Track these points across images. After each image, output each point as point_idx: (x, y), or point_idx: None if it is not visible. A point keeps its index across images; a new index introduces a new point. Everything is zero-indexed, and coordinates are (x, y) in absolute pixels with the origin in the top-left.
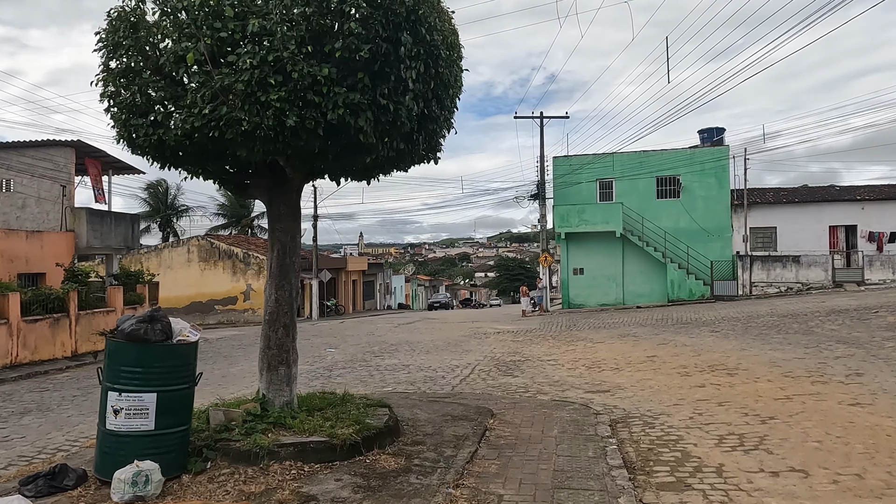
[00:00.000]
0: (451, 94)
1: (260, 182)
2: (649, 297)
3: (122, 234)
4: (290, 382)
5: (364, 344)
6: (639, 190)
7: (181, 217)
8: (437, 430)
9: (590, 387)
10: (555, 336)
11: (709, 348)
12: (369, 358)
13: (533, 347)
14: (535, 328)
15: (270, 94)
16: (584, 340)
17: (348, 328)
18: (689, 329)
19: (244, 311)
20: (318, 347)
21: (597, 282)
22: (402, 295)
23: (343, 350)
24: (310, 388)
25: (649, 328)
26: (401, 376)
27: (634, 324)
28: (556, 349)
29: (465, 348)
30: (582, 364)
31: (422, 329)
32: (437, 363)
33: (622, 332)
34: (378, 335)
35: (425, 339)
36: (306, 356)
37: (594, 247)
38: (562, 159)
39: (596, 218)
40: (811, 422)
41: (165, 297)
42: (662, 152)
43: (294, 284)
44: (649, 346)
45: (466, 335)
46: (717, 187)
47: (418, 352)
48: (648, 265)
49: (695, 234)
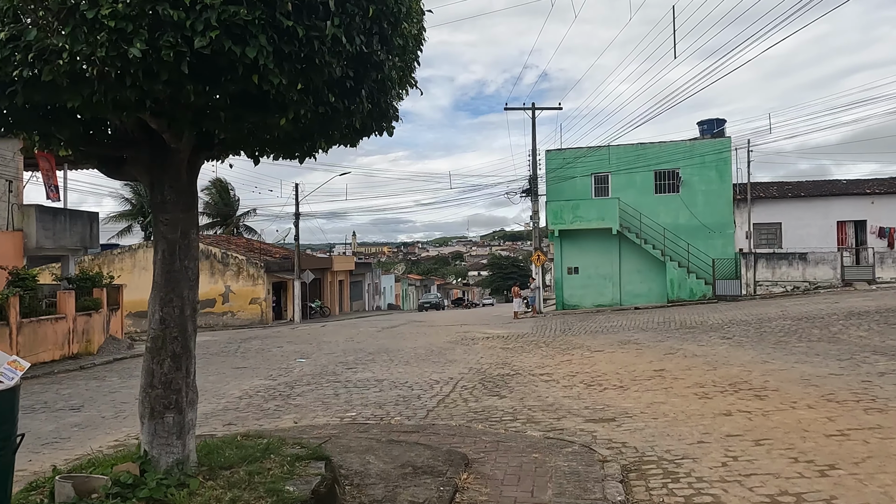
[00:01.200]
0: (405, 33)
1: (138, 157)
2: (647, 297)
3: (79, 233)
4: (182, 434)
5: (339, 352)
6: (636, 184)
7: None
8: (389, 495)
9: (591, 413)
10: (548, 342)
11: (724, 360)
12: (340, 371)
13: (524, 357)
14: (527, 332)
15: (102, 8)
16: (581, 348)
17: (328, 333)
18: (696, 335)
19: (223, 315)
20: (288, 357)
21: (592, 281)
22: (391, 295)
23: (315, 360)
24: (262, 411)
25: (652, 333)
26: (370, 396)
27: (635, 328)
28: (550, 359)
29: (449, 358)
30: (580, 380)
31: (405, 334)
32: (415, 377)
33: (622, 339)
34: (357, 341)
35: (407, 347)
36: (273, 368)
37: (589, 245)
38: (555, 153)
39: (591, 214)
40: (888, 474)
41: (139, 299)
42: (661, 145)
43: (188, 298)
44: (655, 357)
45: (453, 341)
46: (719, 181)
47: (397, 363)
48: (646, 264)
49: (695, 231)
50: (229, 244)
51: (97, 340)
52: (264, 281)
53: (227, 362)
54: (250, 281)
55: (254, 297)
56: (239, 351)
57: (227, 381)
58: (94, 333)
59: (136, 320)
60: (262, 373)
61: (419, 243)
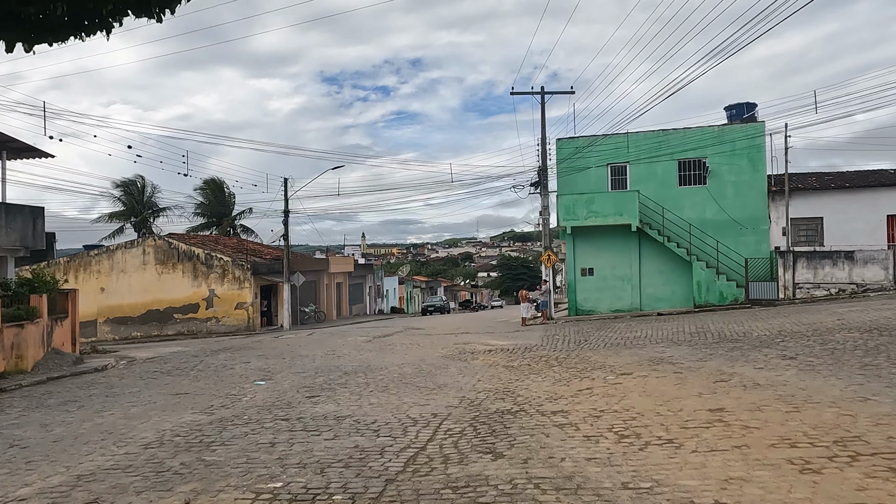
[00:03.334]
0: None
1: None
2: (671, 301)
3: (18, 231)
4: None
5: (311, 371)
6: (657, 175)
7: (157, 217)
8: None
9: (633, 495)
10: (562, 360)
11: (803, 394)
12: (298, 401)
13: (531, 382)
14: (536, 345)
15: None
16: (603, 369)
17: (310, 344)
18: (744, 351)
19: (206, 320)
20: (248, 377)
21: (608, 284)
22: (395, 298)
23: (276, 383)
24: (157, 475)
25: (687, 348)
26: (317, 449)
27: (664, 340)
28: (565, 386)
29: (438, 381)
30: (607, 425)
31: (396, 346)
32: (388, 413)
33: (652, 356)
34: (339, 355)
35: (393, 363)
36: (220, 394)
37: (605, 243)
38: (566, 141)
39: (607, 209)
40: None
41: (118, 304)
42: (685, 131)
43: None
44: (703, 385)
45: (448, 356)
46: (751, 171)
47: (373, 387)
48: (670, 264)
49: (725, 227)
50: (217, 244)
51: (32, 356)
52: (251, 284)
53: (171, 385)
54: (236, 284)
55: (240, 301)
56: (196, 368)
57: (151, 415)
58: (29, 348)
59: (115, 327)
60: (203, 402)
61: (428, 244)
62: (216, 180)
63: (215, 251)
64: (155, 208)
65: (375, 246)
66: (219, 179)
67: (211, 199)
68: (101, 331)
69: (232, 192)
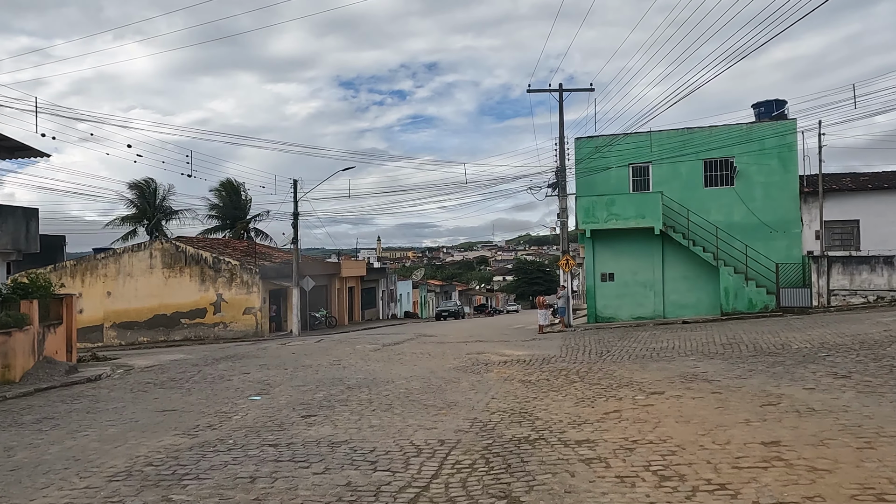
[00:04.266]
0: None
1: None
2: (696, 308)
3: (9, 233)
4: None
5: (312, 385)
6: (682, 176)
7: (171, 219)
8: None
9: None
10: (583, 374)
11: (873, 424)
12: (292, 422)
13: (551, 401)
14: (554, 355)
15: None
16: (630, 386)
17: (317, 352)
18: (788, 367)
19: (214, 326)
20: (244, 391)
21: (630, 290)
22: (409, 302)
23: (272, 398)
24: None
25: (722, 362)
26: (301, 487)
27: (694, 352)
28: (589, 407)
29: (448, 398)
30: (643, 461)
31: (406, 355)
32: (389, 438)
33: (684, 371)
34: (344, 365)
35: (400, 376)
36: (209, 412)
37: (626, 247)
38: (585, 140)
39: (628, 211)
40: None
41: (124, 309)
42: (711, 129)
43: None
44: (749, 410)
45: (460, 367)
46: (782, 171)
47: (376, 405)
48: (695, 269)
49: (754, 230)
50: (226, 248)
51: (21, 365)
52: (259, 288)
53: (160, 400)
54: (244, 288)
55: (248, 306)
56: (192, 379)
57: (128, 437)
58: (17, 357)
59: (121, 332)
60: (189, 421)
61: (444, 248)
62: (233, 182)
63: (224, 255)
64: (168, 211)
65: (391, 249)
66: (235, 182)
67: (226, 202)
68: (107, 336)
69: (248, 196)
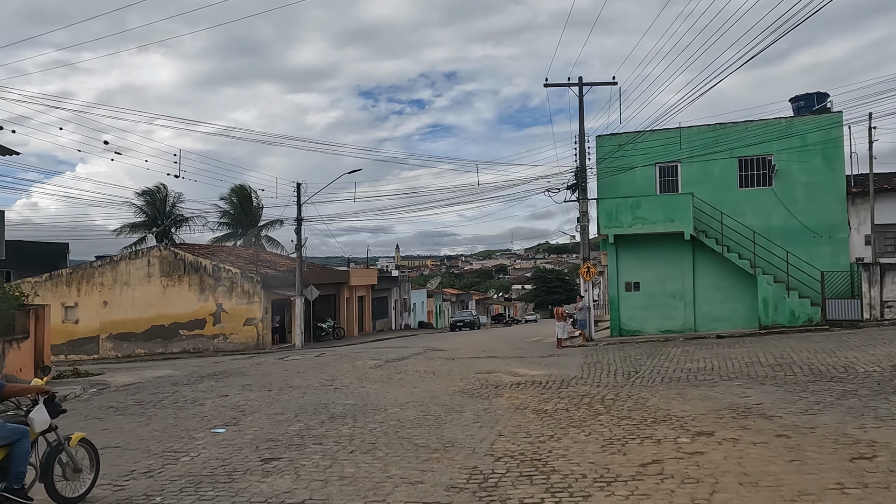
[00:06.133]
0: None
1: None
2: (731, 321)
3: None
4: None
5: (291, 412)
6: (714, 176)
7: (181, 227)
8: None
9: None
10: (609, 403)
11: None
12: (247, 468)
13: (571, 442)
14: (574, 376)
15: None
16: (668, 421)
17: (311, 369)
18: (863, 398)
19: (213, 338)
20: (208, 423)
21: (657, 301)
22: (423, 312)
23: (239, 432)
24: None
25: (774, 388)
26: None
27: (739, 374)
28: (619, 454)
29: (446, 435)
30: None
31: (408, 373)
32: (359, 500)
33: (732, 401)
34: (336, 386)
35: (396, 402)
36: (157, 450)
37: (653, 254)
38: (607, 138)
39: (656, 214)
40: None
41: (120, 319)
42: (746, 125)
43: None
44: (836, 465)
45: (466, 390)
46: (826, 169)
47: (356, 444)
48: (730, 278)
49: (795, 236)
50: (229, 255)
51: None
52: (261, 298)
53: (111, 431)
54: (245, 298)
55: (249, 317)
56: (160, 403)
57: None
58: None
59: (117, 343)
60: (126, 463)
61: (462, 256)
62: (245, 188)
63: (225, 263)
64: (177, 218)
65: (409, 258)
66: (248, 188)
67: (237, 209)
68: (103, 348)
69: (260, 203)
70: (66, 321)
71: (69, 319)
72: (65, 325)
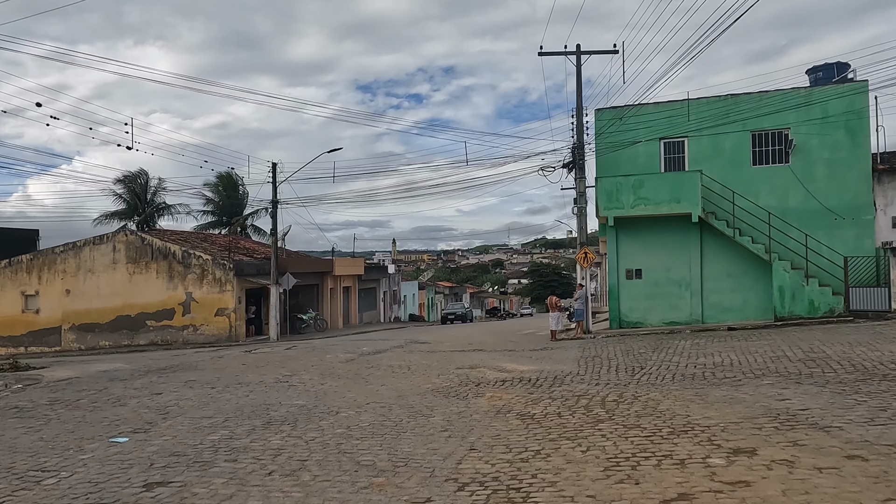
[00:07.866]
0: None
1: None
2: (742, 312)
3: None
4: None
5: (222, 415)
6: (725, 152)
7: (163, 215)
8: None
9: None
10: (611, 404)
11: None
12: (116, 499)
13: (563, 461)
14: (569, 372)
15: None
16: (690, 432)
17: (273, 363)
18: None
19: (183, 329)
20: (114, 429)
21: (661, 289)
22: (415, 305)
23: (145, 440)
24: None
25: (818, 388)
26: None
27: (766, 371)
28: (631, 482)
29: (401, 449)
30: None
31: (380, 368)
32: None
33: (769, 405)
34: (292, 383)
35: (355, 402)
36: (19, 469)
37: (657, 238)
38: (607, 111)
39: (660, 195)
40: None
41: (84, 309)
42: (760, 95)
43: None
44: None
45: (441, 389)
46: (850, 145)
47: (280, 462)
48: (741, 264)
49: (814, 218)
50: (203, 242)
51: None
52: (234, 286)
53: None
54: (217, 287)
55: (220, 307)
56: (77, 403)
57: None
58: None
59: (81, 335)
60: None
61: (459, 251)
62: (231, 176)
63: (196, 249)
64: (159, 206)
65: (406, 252)
66: (235, 175)
67: (222, 197)
68: (65, 339)
69: (246, 191)
70: (27, 311)
71: (29, 309)
72: (25, 314)
